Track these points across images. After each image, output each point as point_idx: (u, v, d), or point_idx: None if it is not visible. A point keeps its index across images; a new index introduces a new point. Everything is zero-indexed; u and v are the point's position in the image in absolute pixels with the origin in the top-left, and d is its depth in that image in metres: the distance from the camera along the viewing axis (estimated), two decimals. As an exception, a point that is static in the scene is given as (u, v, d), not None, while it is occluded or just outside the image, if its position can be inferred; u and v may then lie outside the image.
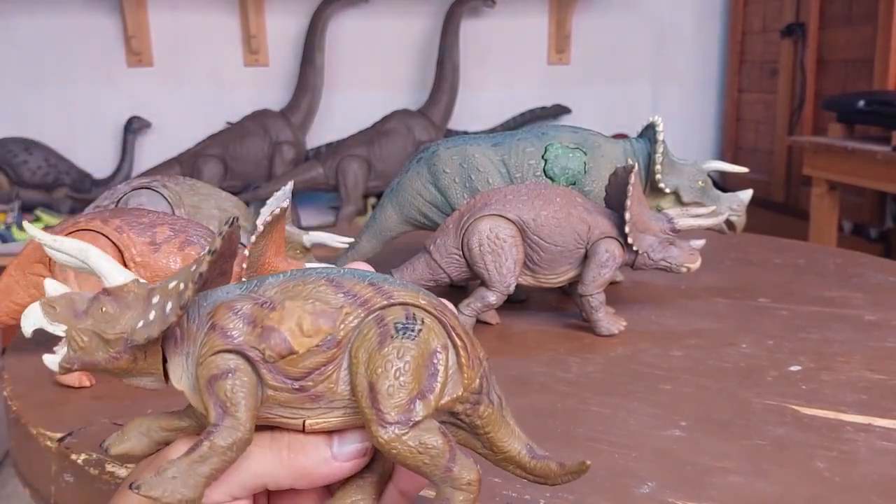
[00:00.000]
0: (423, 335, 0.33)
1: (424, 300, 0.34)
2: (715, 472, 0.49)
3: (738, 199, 0.86)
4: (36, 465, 0.57)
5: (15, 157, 2.55)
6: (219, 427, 0.32)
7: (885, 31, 2.15)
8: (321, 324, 0.33)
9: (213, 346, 0.33)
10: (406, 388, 0.32)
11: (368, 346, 0.33)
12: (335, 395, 0.33)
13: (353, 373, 0.33)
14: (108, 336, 0.33)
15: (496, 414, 0.36)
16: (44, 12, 2.65)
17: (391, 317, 0.33)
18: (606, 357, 0.69)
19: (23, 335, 0.73)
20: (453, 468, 0.33)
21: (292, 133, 2.59)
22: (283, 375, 0.33)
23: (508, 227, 0.72)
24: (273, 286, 0.34)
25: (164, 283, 0.34)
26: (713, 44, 3.03)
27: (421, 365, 0.33)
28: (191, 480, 0.31)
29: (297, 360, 0.32)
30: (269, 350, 0.32)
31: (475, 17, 2.80)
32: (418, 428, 0.32)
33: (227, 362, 0.32)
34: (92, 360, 0.34)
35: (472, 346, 0.35)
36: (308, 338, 0.32)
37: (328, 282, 0.34)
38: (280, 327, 0.32)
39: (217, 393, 0.32)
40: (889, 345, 0.71)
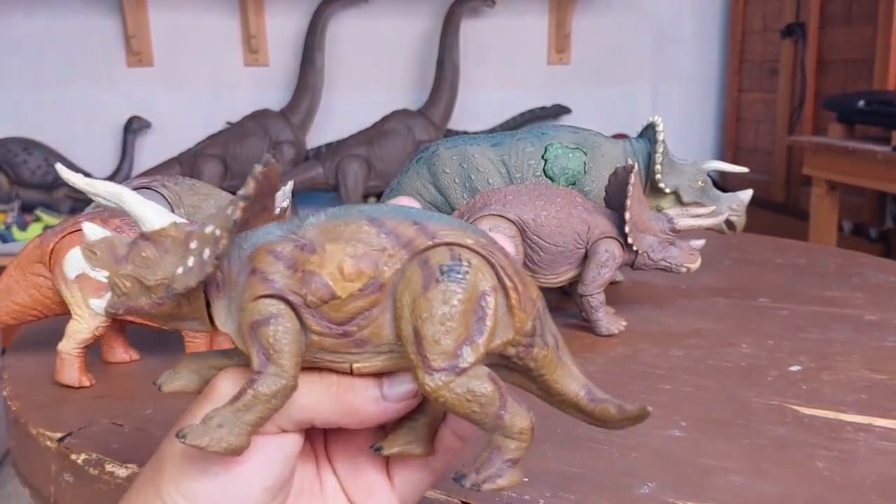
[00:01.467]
0: (470, 277, 0.32)
1: (471, 239, 0.33)
2: (715, 472, 0.49)
3: (738, 199, 0.86)
4: (36, 465, 0.57)
5: (15, 157, 2.55)
6: (262, 374, 0.31)
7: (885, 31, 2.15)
8: (363, 267, 0.32)
9: (255, 291, 0.32)
10: (453, 333, 0.31)
11: (413, 290, 0.31)
12: (381, 339, 0.32)
13: (397, 317, 0.32)
14: (149, 282, 0.33)
15: (551, 355, 0.34)
16: (43, 12, 2.65)
17: (436, 258, 0.32)
18: (606, 357, 0.69)
19: (23, 335, 0.73)
20: (504, 416, 0.32)
21: (292, 133, 2.59)
22: (327, 320, 0.32)
23: (508, 227, 0.72)
24: (313, 227, 0.33)
25: (201, 227, 0.33)
26: (713, 44, 3.03)
27: (468, 309, 0.31)
28: (236, 429, 0.31)
29: (339, 305, 0.31)
30: (311, 295, 0.31)
31: (475, 17, 2.80)
32: (466, 374, 0.31)
33: (269, 308, 0.32)
34: (136, 304, 0.33)
35: (524, 286, 0.33)
36: (350, 282, 0.31)
37: (370, 221, 0.32)
38: (321, 271, 0.32)
39: (260, 339, 0.31)
40: (889, 345, 0.71)
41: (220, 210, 0.32)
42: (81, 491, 0.53)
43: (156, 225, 0.33)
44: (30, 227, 2.47)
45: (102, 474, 0.51)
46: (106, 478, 0.51)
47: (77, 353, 0.62)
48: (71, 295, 0.62)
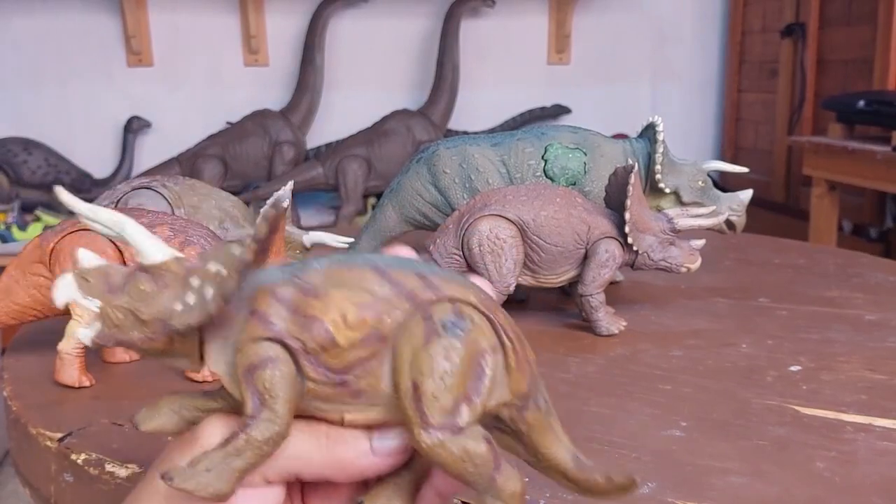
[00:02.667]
0: (472, 335, 0.32)
1: (474, 297, 0.33)
2: (715, 472, 0.49)
3: (738, 199, 0.86)
4: (36, 465, 0.57)
5: (15, 157, 2.55)
6: (256, 419, 0.31)
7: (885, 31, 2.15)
8: (366, 316, 0.31)
9: (254, 333, 0.31)
10: (452, 391, 0.31)
11: (414, 344, 0.31)
12: (377, 391, 0.32)
13: (396, 371, 0.31)
14: (144, 316, 0.32)
15: (542, 420, 0.34)
16: (43, 12, 2.65)
17: (439, 313, 0.31)
18: (606, 357, 0.69)
19: (23, 335, 0.73)
20: (497, 478, 0.31)
21: (292, 133, 2.59)
22: (325, 368, 0.31)
23: (508, 227, 0.72)
24: (317, 272, 0.32)
25: (204, 264, 0.32)
26: (713, 44, 3.03)
27: (468, 367, 0.31)
28: (225, 474, 0.31)
29: (339, 353, 0.31)
30: (311, 341, 0.31)
31: (475, 17, 2.80)
32: (463, 434, 0.31)
33: (267, 351, 0.31)
34: (126, 338, 0.32)
35: (521, 347, 0.33)
36: (352, 331, 0.31)
37: (374, 270, 0.32)
38: (323, 317, 0.31)
39: (255, 383, 0.31)
40: (889, 345, 0.71)
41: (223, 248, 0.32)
42: (81, 491, 0.53)
43: (157, 258, 0.32)
44: (30, 227, 2.47)
45: (102, 474, 0.51)
46: (106, 478, 0.51)
47: (77, 353, 0.62)
48: (71, 295, 0.62)
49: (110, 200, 0.76)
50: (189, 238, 0.63)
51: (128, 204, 0.74)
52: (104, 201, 0.76)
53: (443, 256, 0.73)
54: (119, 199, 0.75)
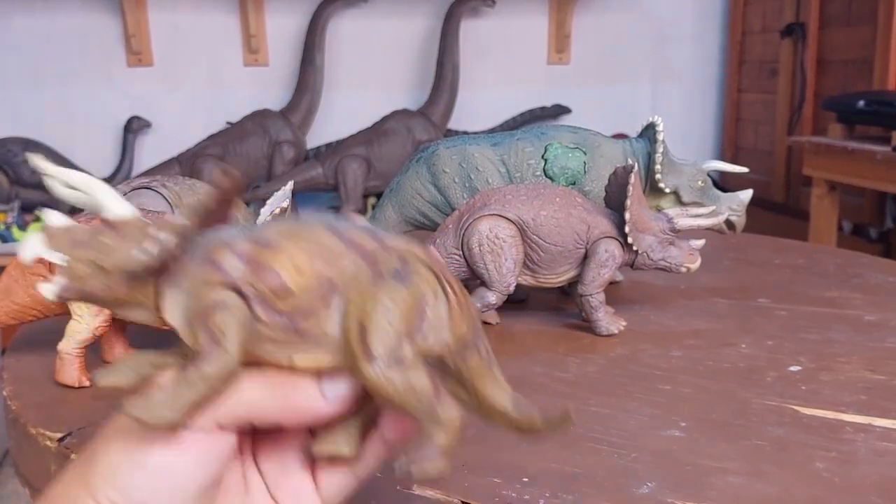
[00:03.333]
0: (415, 280, 0.34)
1: (419, 251, 0.35)
2: (714, 472, 0.49)
3: (738, 199, 0.86)
4: (35, 465, 0.57)
5: (15, 157, 2.55)
6: (208, 355, 0.32)
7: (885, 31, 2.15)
8: (316, 263, 0.33)
9: (208, 279, 0.33)
10: (394, 326, 0.33)
11: (361, 289, 0.33)
12: (326, 335, 0.33)
13: (345, 315, 0.33)
14: (106, 264, 0.33)
15: (484, 365, 0.36)
16: (43, 12, 2.65)
17: (385, 262, 0.34)
18: (606, 357, 0.69)
19: (23, 335, 0.73)
20: (437, 408, 0.33)
21: (292, 133, 2.59)
22: (276, 312, 0.33)
23: (508, 227, 0.72)
24: (272, 229, 0.34)
25: (163, 219, 0.34)
26: (713, 44, 3.03)
27: (411, 307, 0.33)
28: (177, 404, 0.32)
29: (290, 299, 0.33)
30: (263, 286, 0.33)
31: (475, 17, 2.80)
32: (404, 366, 0.33)
33: (220, 296, 0.33)
34: (89, 289, 0.34)
35: (464, 297, 0.35)
36: (301, 276, 0.33)
37: (328, 228, 0.34)
38: (274, 264, 0.33)
39: (208, 325, 0.32)
40: (889, 345, 0.71)
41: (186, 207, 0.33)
42: (81, 491, 0.52)
43: (120, 213, 0.34)
44: (30, 227, 2.47)
45: (102, 474, 0.51)
46: (106, 478, 0.51)
47: (77, 353, 0.62)
48: (71, 295, 0.62)
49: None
50: (189, 238, 0.63)
51: (128, 204, 0.74)
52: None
53: (442, 256, 0.73)
54: (119, 199, 0.75)
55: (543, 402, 0.60)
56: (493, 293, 0.72)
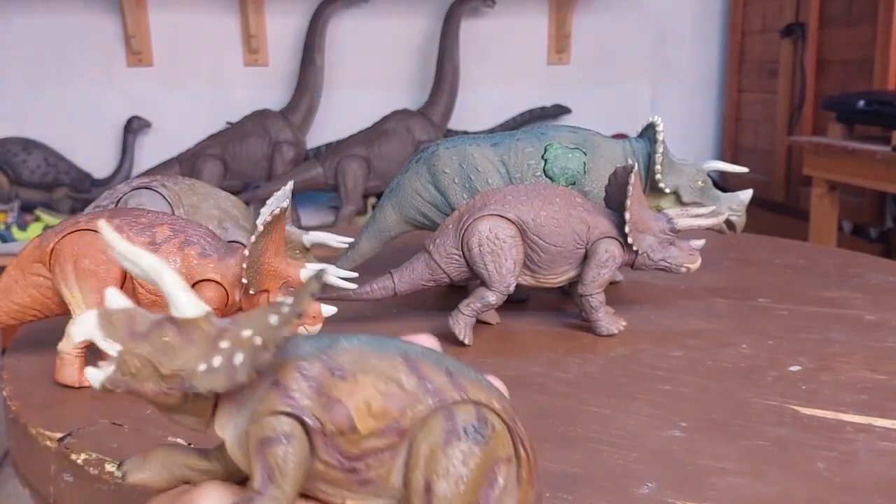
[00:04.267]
0: (492, 442, 0.31)
1: (498, 403, 0.32)
2: (715, 472, 0.49)
3: (738, 199, 0.86)
4: (36, 465, 0.57)
5: (14, 157, 2.55)
6: (262, 496, 0.29)
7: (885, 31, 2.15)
8: (390, 407, 0.31)
9: (273, 406, 0.30)
10: (464, 496, 0.30)
11: (432, 442, 0.31)
12: (386, 483, 0.31)
13: (410, 465, 0.31)
14: (164, 370, 0.30)
15: None
16: (43, 12, 2.65)
17: (462, 415, 0.31)
18: (606, 357, 0.69)
19: (23, 335, 0.73)
20: None
21: (292, 133, 2.59)
22: (339, 453, 0.30)
23: (508, 227, 0.72)
24: (347, 352, 0.31)
25: (237, 328, 0.31)
26: (713, 44, 3.03)
27: (482, 474, 0.31)
28: None
29: (356, 440, 0.30)
30: (331, 423, 0.30)
31: (475, 17, 2.80)
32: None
33: (284, 426, 0.30)
34: (140, 388, 0.31)
35: (534, 460, 0.33)
36: (374, 419, 0.30)
37: (405, 360, 0.32)
38: (347, 402, 0.30)
39: (267, 458, 0.30)
40: (889, 345, 0.71)
41: (260, 315, 0.30)
42: (81, 491, 0.53)
43: (188, 313, 0.31)
44: (30, 227, 2.47)
45: (102, 474, 0.51)
46: (106, 478, 0.51)
47: (77, 353, 0.62)
48: (71, 295, 0.62)
49: (110, 200, 0.76)
50: (189, 238, 0.63)
51: (128, 204, 0.74)
52: (104, 201, 0.76)
53: (442, 256, 0.73)
54: (119, 199, 0.75)
55: (543, 402, 0.60)
56: (493, 293, 0.72)
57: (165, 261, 0.62)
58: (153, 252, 0.62)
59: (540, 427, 0.55)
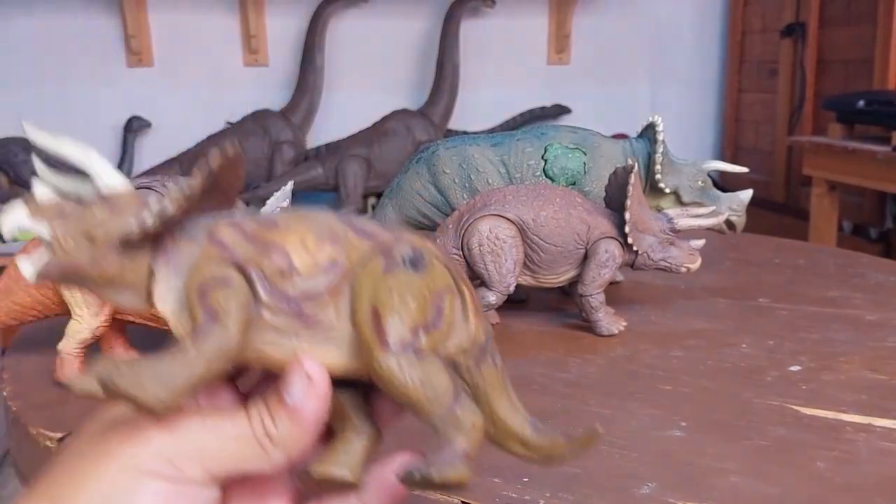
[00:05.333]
0: (431, 271, 0.31)
1: (434, 247, 0.33)
2: (715, 472, 0.49)
3: (738, 199, 0.86)
4: (36, 466, 0.57)
5: (15, 157, 2.55)
6: (206, 331, 0.29)
7: (885, 31, 2.15)
8: (326, 244, 0.31)
9: (209, 255, 0.30)
10: (411, 315, 0.30)
11: (374, 274, 0.31)
12: (334, 325, 0.31)
13: (354, 299, 0.31)
14: (97, 234, 0.30)
15: (498, 378, 0.33)
16: (43, 12, 2.65)
17: (399, 249, 0.31)
18: (606, 357, 0.69)
19: (23, 335, 0.73)
20: (456, 408, 0.30)
21: (292, 133, 2.59)
22: (282, 295, 0.30)
23: (508, 227, 0.72)
24: (279, 214, 0.32)
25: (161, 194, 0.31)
26: (713, 44, 3.03)
27: (427, 298, 0.31)
28: (171, 382, 0.28)
29: (298, 281, 0.30)
30: (270, 266, 0.30)
31: (475, 17, 2.80)
32: (422, 358, 0.30)
33: (223, 271, 0.30)
34: (75, 262, 0.30)
35: (478, 299, 0.33)
36: (311, 256, 0.30)
37: (338, 217, 0.32)
38: (284, 243, 0.31)
39: (208, 301, 0.29)
40: (889, 345, 0.71)
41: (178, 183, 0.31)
42: (81, 491, 0.52)
43: (117, 185, 0.31)
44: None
45: (102, 474, 0.51)
46: (106, 478, 0.51)
47: (77, 353, 0.62)
48: (71, 295, 0.62)
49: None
50: (189, 238, 0.63)
51: (128, 204, 0.74)
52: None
53: (443, 256, 0.73)
54: (119, 199, 0.75)
55: (544, 402, 0.60)
56: (493, 293, 0.72)
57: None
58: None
59: (540, 427, 0.55)
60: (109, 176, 0.31)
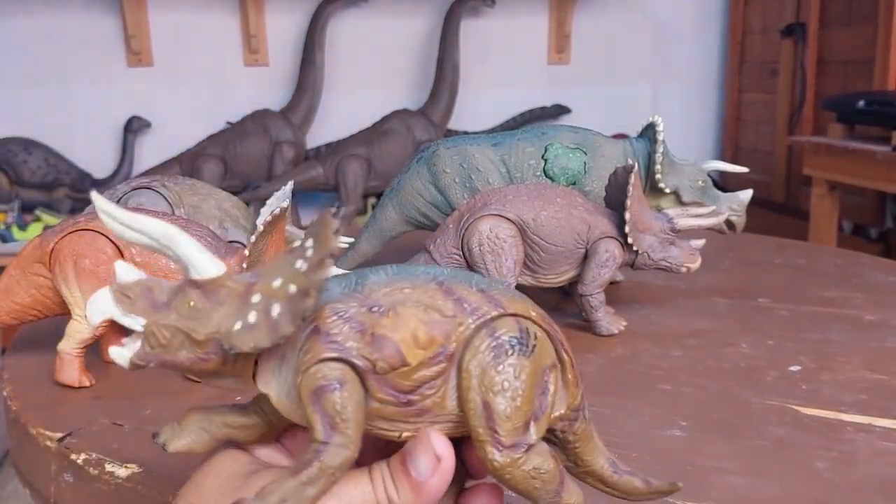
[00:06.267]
0: (537, 351, 0.31)
1: (535, 312, 0.33)
2: (715, 472, 0.49)
3: (738, 199, 0.86)
4: (36, 465, 0.57)
5: (15, 157, 2.55)
6: (328, 445, 0.29)
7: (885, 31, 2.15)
8: (435, 334, 0.31)
9: (318, 352, 0.30)
10: (522, 409, 0.31)
11: (481, 361, 0.31)
12: (443, 409, 0.31)
13: (462, 387, 0.31)
14: (198, 336, 0.29)
15: (587, 429, 0.35)
16: (44, 12, 2.65)
17: (503, 330, 0.31)
18: (606, 357, 0.69)
19: (23, 335, 0.73)
20: (562, 493, 0.32)
21: (292, 133, 2.59)
22: (392, 388, 0.30)
23: (508, 227, 0.72)
24: (380, 286, 0.31)
25: (263, 279, 0.30)
26: (713, 44, 3.03)
27: (534, 384, 0.31)
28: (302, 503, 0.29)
29: (408, 373, 0.30)
30: (382, 361, 0.30)
31: (475, 17, 2.80)
32: (532, 451, 0.31)
33: (335, 372, 0.29)
34: (173, 359, 0.30)
35: (574, 360, 0.34)
36: (422, 349, 0.30)
37: (438, 285, 0.31)
38: (393, 336, 0.30)
39: (325, 407, 0.29)
40: (889, 345, 0.71)
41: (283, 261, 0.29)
42: (81, 491, 0.52)
43: (210, 272, 0.30)
44: (30, 227, 2.47)
45: (102, 474, 0.51)
46: (106, 478, 0.51)
47: (77, 353, 0.62)
48: (71, 295, 0.62)
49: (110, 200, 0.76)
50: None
51: (128, 204, 0.74)
52: (104, 201, 0.76)
53: (443, 256, 0.73)
54: (119, 199, 0.75)
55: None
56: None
57: (166, 261, 0.62)
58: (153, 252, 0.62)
59: (540, 427, 0.55)
60: (201, 259, 0.30)
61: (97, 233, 0.62)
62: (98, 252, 0.61)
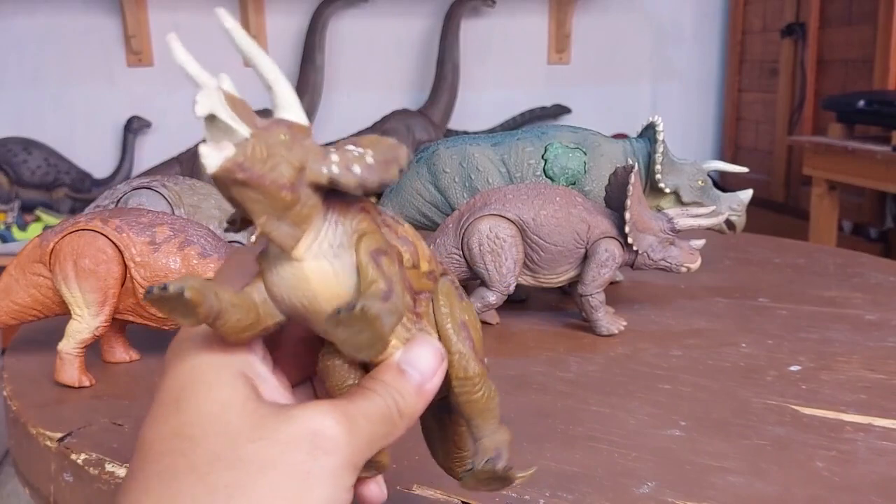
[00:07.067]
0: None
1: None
2: (714, 471, 0.49)
3: (738, 199, 0.86)
4: (36, 465, 0.57)
5: (15, 157, 2.55)
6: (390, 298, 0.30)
7: (885, 31, 2.15)
8: (432, 256, 0.35)
9: (373, 225, 0.31)
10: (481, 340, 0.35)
11: (449, 293, 0.35)
12: (430, 320, 0.35)
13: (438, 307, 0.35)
14: (291, 158, 0.29)
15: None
16: (44, 12, 2.65)
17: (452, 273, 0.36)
18: (606, 357, 0.69)
19: (23, 335, 0.73)
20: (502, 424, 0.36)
21: (292, 133, 2.59)
22: (409, 284, 0.33)
23: (508, 226, 0.72)
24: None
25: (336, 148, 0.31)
26: (713, 44, 3.03)
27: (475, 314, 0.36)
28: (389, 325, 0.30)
29: (417, 277, 0.34)
30: (407, 254, 0.33)
31: (475, 17, 2.80)
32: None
33: (385, 244, 0.31)
34: (263, 174, 0.28)
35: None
36: (426, 262, 0.34)
37: None
38: (414, 241, 0.34)
39: (383, 267, 0.30)
40: (889, 345, 0.71)
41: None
42: (81, 491, 0.53)
43: (303, 120, 0.30)
44: (30, 227, 2.47)
45: (102, 474, 0.51)
46: (106, 478, 0.51)
47: (77, 353, 0.62)
48: (71, 295, 0.62)
49: (110, 200, 0.76)
50: (189, 238, 0.63)
51: (128, 204, 0.74)
52: (104, 201, 0.76)
53: (442, 256, 0.73)
54: (119, 199, 0.75)
55: (544, 401, 0.60)
56: (493, 293, 0.72)
57: (165, 261, 0.62)
58: (153, 252, 0.62)
59: (540, 426, 0.55)
60: (299, 106, 0.31)
61: (97, 233, 0.62)
62: (98, 252, 0.61)
